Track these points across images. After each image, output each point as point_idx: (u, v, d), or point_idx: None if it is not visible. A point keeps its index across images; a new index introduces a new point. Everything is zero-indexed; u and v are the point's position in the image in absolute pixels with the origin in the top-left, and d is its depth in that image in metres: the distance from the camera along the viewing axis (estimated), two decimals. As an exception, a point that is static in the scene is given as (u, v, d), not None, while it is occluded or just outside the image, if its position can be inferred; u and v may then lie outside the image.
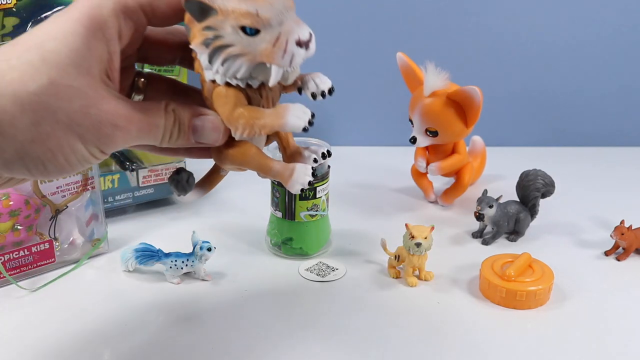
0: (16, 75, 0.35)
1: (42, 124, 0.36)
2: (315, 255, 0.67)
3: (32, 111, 0.36)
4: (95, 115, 0.38)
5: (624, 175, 0.92)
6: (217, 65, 0.42)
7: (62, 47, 0.37)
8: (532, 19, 0.97)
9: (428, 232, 0.60)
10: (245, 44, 0.41)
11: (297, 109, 0.44)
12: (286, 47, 0.41)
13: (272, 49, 0.41)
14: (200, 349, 0.52)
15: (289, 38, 0.41)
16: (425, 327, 0.55)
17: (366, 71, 0.99)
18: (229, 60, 0.42)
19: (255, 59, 0.42)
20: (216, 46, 0.42)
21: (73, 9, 0.39)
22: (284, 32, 0.41)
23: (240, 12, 0.40)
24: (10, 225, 0.60)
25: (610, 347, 0.53)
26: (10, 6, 0.66)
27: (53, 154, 0.37)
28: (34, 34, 0.37)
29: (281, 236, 0.66)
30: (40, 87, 0.36)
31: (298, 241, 0.66)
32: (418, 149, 0.79)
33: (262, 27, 0.41)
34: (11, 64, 0.36)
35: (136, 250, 0.62)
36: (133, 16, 0.41)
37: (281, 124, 0.44)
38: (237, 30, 0.41)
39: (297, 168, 0.48)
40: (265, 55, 0.41)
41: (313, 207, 0.65)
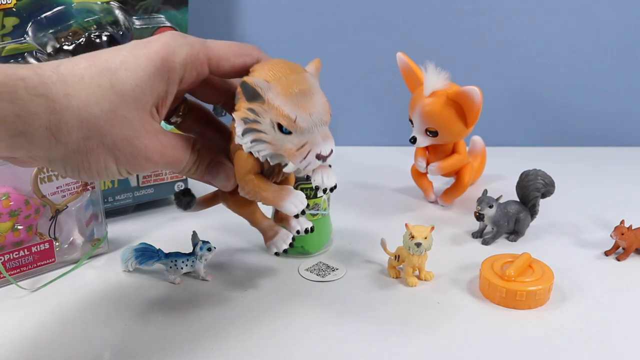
0: (84, 94, 0.41)
1: (90, 141, 0.42)
2: (317, 254, 0.67)
3: (87, 129, 0.41)
4: (136, 146, 0.44)
5: (624, 175, 0.92)
6: (247, 140, 0.48)
7: (130, 80, 0.43)
8: (532, 18, 0.97)
9: (428, 232, 0.60)
10: (276, 138, 0.47)
11: (297, 197, 0.51)
12: (307, 155, 0.47)
13: (295, 151, 0.47)
14: (200, 349, 0.52)
15: (312, 149, 0.47)
16: (425, 327, 0.55)
17: (366, 71, 0.99)
18: (257, 142, 0.48)
19: (278, 150, 0.48)
20: (252, 127, 0.47)
21: (153, 46, 0.44)
22: (310, 143, 0.47)
23: (282, 112, 0.46)
24: (10, 225, 0.60)
25: (611, 347, 0.53)
26: (10, 6, 0.66)
27: (89, 166, 0.43)
28: (112, 57, 0.43)
29: None
30: (101, 112, 0.41)
31: (299, 240, 0.65)
32: (418, 149, 0.79)
33: (294, 131, 0.46)
34: (84, 81, 0.41)
35: (136, 250, 0.62)
36: (199, 67, 0.47)
37: (280, 204, 0.50)
38: (273, 124, 0.47)
39: (280, 233, 0.56)
40: (288, 154, 0.47)
41: (314, 207, 0.66)
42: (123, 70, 0.42)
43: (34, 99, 0.39)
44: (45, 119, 0.40)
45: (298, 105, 0.46)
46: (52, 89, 0.40)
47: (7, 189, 0.60)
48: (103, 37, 0.67)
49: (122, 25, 0.70)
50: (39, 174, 0.61)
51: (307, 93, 0.47)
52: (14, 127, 0.39)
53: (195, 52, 0.46)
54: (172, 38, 0.45)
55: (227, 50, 0.48)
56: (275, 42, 0.97)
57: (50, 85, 0.40)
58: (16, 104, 0.38)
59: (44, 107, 0.39)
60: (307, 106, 0.47)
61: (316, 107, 0.47)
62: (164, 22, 0.75)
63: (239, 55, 0.49)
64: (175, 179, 0.78)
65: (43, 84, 0.40)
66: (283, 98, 0.46)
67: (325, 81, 1.02)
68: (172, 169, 0.48)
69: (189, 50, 0.46)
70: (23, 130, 0.39)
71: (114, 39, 0.68)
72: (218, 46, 0.48)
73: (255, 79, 0.46)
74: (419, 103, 0.74)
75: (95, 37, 0.67)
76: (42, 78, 0.40)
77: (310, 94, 0.48)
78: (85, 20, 0.69)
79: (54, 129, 0.40)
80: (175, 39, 0.45)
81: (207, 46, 0.47)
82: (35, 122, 0.39)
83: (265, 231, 0.57)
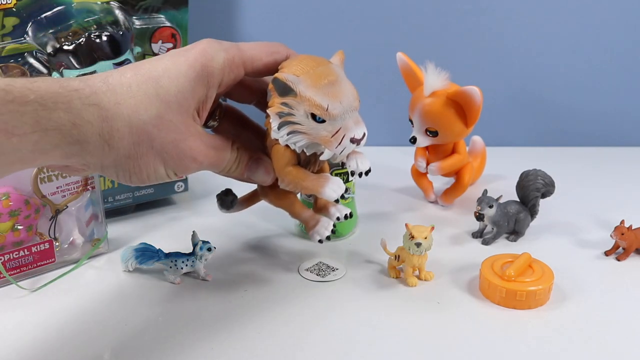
0: (133, 102, 0.44)
1: (141, 146, 0.45)
2: (348, 236, 0.71)
3: (137, 134, 0.44)
4: (182, 149, 0.47)
5: (624, 175, 0.92)
6: (283, 133, 0.51)
7: (172, 86, 0.46)
8: (532, 18, 0.97)
9: (428, 232, 0.60)
10: (310, 127, 0.50)
11: (335, 182, 0.53)
12: (342, 140, 0.50)
13: (330, 138, 0.50)
14: (200, 349, 0.52)
15: (346, 134, 0.50)
16: (425, 327, 0.55)
17: (366, 71, 0.99)
18: (293, 134, 0.51)
19: (314, 139, 0.51)
20: (287, 120, 0.50)
21: (191, 53, 0.47)
22: (344, 128, 0.50)
23: (314, 102, 0.49)
24: (10, 225, 0.60)
25: (611, 347, 0.53)
26: (10, 6, 0.66)
27: (140, 170, 0.46)
28: (155, 66, 0.46)
29: None
30: (149, 118, 0.45)
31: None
32: (418, 149, 0.79)
33: (328, 119, 0.49)
34: (132, 90, 0.44)
35: (136, 250, 0.62)
36: (235, 70, 0.50)
37: (320, 191, 0.53)
38: (307, 115, 0.50)
39: (322, 221, 0.59)
40: (324, 141, 0.51)
41: (346, 190, 0.67)
42: (166, 77, 0.46)
43: (87, 108, 0.42)
44: (98, 127, 0.43)
45: (328, 94, 0.49)
46: (103, 98, 0.43)
47: (7, 189, 0.60)
48: (103, 37, 0.67)
49: (122, 25, 0.70)
50: (39, 173, 0.61)
51: (335, 82, 0.50)
52: (69, 135, 0.41)
53: (231, 57, 0.49)
54: (209, 45, 0.48)
55: (259, 51, 0.51)
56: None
57: (101, 95, 0.43)
58: (72, 113, 0.41)
59: (96, 115, 0.42)
60: (337, 94, 0.50)
61: (345, 94, 0.50)
62: (164, 22, 0.75)
63: (269, 54, 0.52)
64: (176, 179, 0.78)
65: (94, 94, 0.43)
66: (313, 89, 0.49)
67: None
68: (215, 169, 0.51)
69: (225, 56, 0.49)
70: (78, 138, 0.42)
71: (114, 39, 0.68)
72: (250, 48, 0.51)
73: (286, 74, 0.49)
74: (419, 103, 0.74)
75: (95, 37, 0.67)
76: (93, 89, 0.43)
77: (338, 83, 0.51)
78: (85, 20, 0.69)
79: (106, 136, 0.43)
80: (212, 46, 0.48)
81: (241, 49, 0.50)
82: (89, 130, 0.42)
83: (307, 221, 0.59)
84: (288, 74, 0.50)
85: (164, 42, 0.76)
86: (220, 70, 0.48)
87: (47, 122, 0.40)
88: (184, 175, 0.50)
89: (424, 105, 0.73)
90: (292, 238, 0.71)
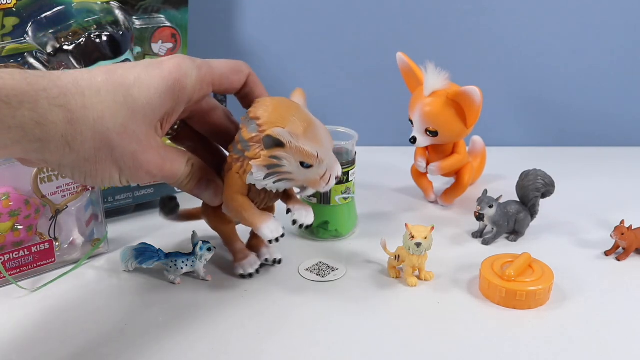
0: (100, 108, 0.44)
1: (101, 151, 0.45)
2: (347, 236, 0.72)
3: (100, 140, 0.44)
4: (139, 161, 0.47)
5: (624, 175, 0.91)
6: (268, 182, 0.53)
7: (142, 97, 0.46)
8: (532, 18, 0.97)
9: (428, 232, 0.60)
10: (299, 173, 0.53)
11: (274, 223, 0.55)
12: (329, 180, 0.54)
13: (318, 180, 0.54)
14: (200, 349, 0.52)
15: (332, 174, 0.54)
16: (425, 327, 0.55)
17: (366, 71, 0.99)
18: (281, 181, 0.53)
19: (300, 183, 0.54)
20: (276, 171, 0.53)
21: (166, 67, 0.48)
22: (329, 169, 0.54)
23: (305, 152, 0.52)
24: (10, 226, 0.60)
25: (611, 347, 0.53)
26: (10, 6, 0.66)
27: (96, 174, 0.46)
28: (127, 74, 0.46)
29: (317, 221, 0.68)
30: (114, 126, 0.45)
31: (333, 224, 0.70)
32: (418, 149, 0.79)
33: (316, 164, 0.53)
34: (100, 95, 0.44)
35: (136, 250, 0.62)
36: (205, 88, 0.51)
37: (257, 227, 0.55)
38: (297, 163, 0.52)
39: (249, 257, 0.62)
40: (312, 183, 0.54)
41: (346, 191, 0.69)
42: (136, 87, 0.46)
43: (53, 109, 0.42)
44: (62, 128, 0.42)
45: (313, 140, 0.52)
46: (70, 100, 0.43)
47: (7, 189, 0.60)
48: (103, 37, 0.67)
49: (122, 25, 0.70)
50: (39, 174, 0.61)
51: (313, 127, 0.53)
52: (32, 133, 0.41)
53: (203, 75, 0.50)
54: (184, 61, 0.49)
55: (226, 69, 0.53)
56: (275, 42, 0.97)
57: (69, 97, 0.43)
58: (37, 112, 0.41)
59: (62, 117, 0.42)
60: (319, 139, 0.53)
61: (324, 137, 0.54)
62: (164, 22, 0.75)
63: (235, 72, 0.54)
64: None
65: (63, 95, 0.42)
66: (301, 139, 0.52)
67: (325, 81, 1.03)
68: (168, 181, 0.52)
69: (198, 73, 0.49)
70: (40, 137, 0.42)
71: (114, 39, 0.68)
72: (219, 66, 0.52)
73: (278, 130, 0.51)
74: (419, 103, 0.74)
75: (95, 37, 0.67)
76: (62, 90, 0.42)
77: (315, 127, 0.53)
78: (85, 20, 0.69)
79: (69, 137, 0.43)
80: (186, 63, 0.49)
81: (211, 67, 0.51)
82: (52, 130, 0.42)
83: (237, 252, 0.63)
84: (278, 129, 0.51)
85: (164, 42, 0.76)
86: (192, 87, 0.49)
87: (10, 120, 0.40)
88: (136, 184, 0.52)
89: (424, 106, 0.73)
90: (292, 238, 0.71)
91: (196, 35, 0.88)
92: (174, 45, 0.76)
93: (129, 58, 0.70)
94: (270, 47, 0.98)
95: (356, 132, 0.70)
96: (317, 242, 0.70)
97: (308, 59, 0.99)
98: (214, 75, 0.51)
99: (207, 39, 0.94)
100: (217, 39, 0.96)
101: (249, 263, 0.62)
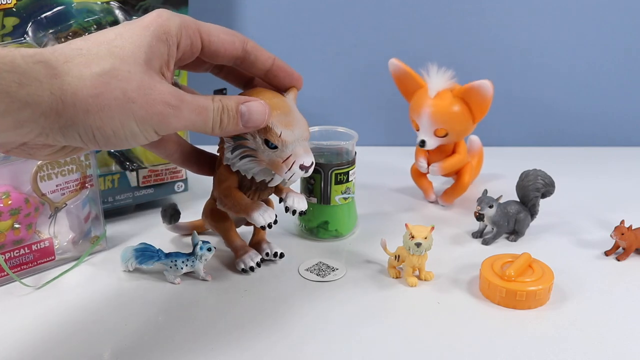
0: (84, 60, 0.41)
1: (100, 98, 0.40)
2: (347, 236, 0.72)
3: (93, 87, 0.40)
4: (149, 94, 0.42)
5: (624, 175, 0.92)
6: (235, 156, 0.55)
7: (127, 44, 0.43)
8: (531, 18, 0.97)
9: (428, 232, 0.60)
10: (263, 152, 0.54)
11: (267, 211, 0.57)
12: (292, 166, 0.54)
13: (281, 163, 0.54)
14: (200, 349, 0.52)
15: (296, 160, 0.53)
16: (425, 327, 0.55)
17: (366, 71, 0.99)
18: (245, 158, 0.55)
19: (264, 165, 0.55)
20: (241, 144, 0.54)
21: (145, 18, 0.45)
22: (294, 155, 0.53)
23: (268, 129, 0.52)
24: (10, 224, 0.60)
25: (611, 347, 0.53)
26: (10, 6, 0.66)
27: (103, 123, 0.41)
28: (107, 32, 0.43)
29: (317, 221, 0.69)
30: (103, 70, 0.41)
31: (333, 224, 0.70)
32: (419, 149, 0.79)
33: (280, 145, 0.53)
34: (82, 52, 0.41)
35: (136, 250, 0.62)
36: (192, 35, 0.48)
37: (250, 215, 0.57)
38: (261, 141, 0.53)
39: (250, 252, 0.63)
40: (275, 166, 0.54)
41: (346, 190, 0.69)
42: (119, 39, 0.43)
43: (33, 66, 0.39)
44: (47, 84, 0.39)
45: (281, 122, 0.53)
46: (50, 57, 0.40)
47: (7, 188, 0.60)
48: (103, 37, 0.67)
49: (122, 25, 0.70)
50: (39, 171, 0.61)
51: (288, 113, 0.54)
52: (17, 97, 0.38)
53: (187, 21, 0.47)
54: (162, 10, 0.46)
55: (215, 27, 0.50)
56: (276, 42, 0.97)
57: (47, 54, 0.40)
58: (16, 72, 0.38)
59: (44, 73, 0.39)
60: (290, 123, 0.53)
61: (297, 124, 0.54)
62: (164, 22, 0.75)
63: (225, 32, 0.51)
64: (175, 179, 0.78)
65: (40, 53, 0.40)
66: (269, 118, 0.52)
67: (325, 81, 1.03)
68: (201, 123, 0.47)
69: (181, 19, 0.47)
70: (27, 100, 0.38)
71: (114, 38, 0.68)
72: (207, 24, 0.50)
73: None
74: (425, 105, 0.73)
75: (95, 36, 0.67)
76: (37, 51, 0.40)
77: (291, 114, 0.54)
78: (85, 20, 0.69)
79: (58, 92, 0.39)
80: (165, 11, 0.46)
81: (196, 21, 0.49)
82: (38, 88, 0.39)
83: (238, 249, 0.64)
84: None
85: (164, 42, 0.76)
86: (177, 29, 0.46)
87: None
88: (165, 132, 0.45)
89: (432, 107, 0.73)
90: (292, 238, 0.71)
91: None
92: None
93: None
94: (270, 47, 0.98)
95: (356, 132, 0.70)
96: (317, 242, 0.70)
97: (308, 59, 0.99)
98: (200, 26, 0.48)
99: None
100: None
101: (250, 257, 0.63)
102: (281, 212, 0.60)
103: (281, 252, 0.65)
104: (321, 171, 0.67)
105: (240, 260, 0.63)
